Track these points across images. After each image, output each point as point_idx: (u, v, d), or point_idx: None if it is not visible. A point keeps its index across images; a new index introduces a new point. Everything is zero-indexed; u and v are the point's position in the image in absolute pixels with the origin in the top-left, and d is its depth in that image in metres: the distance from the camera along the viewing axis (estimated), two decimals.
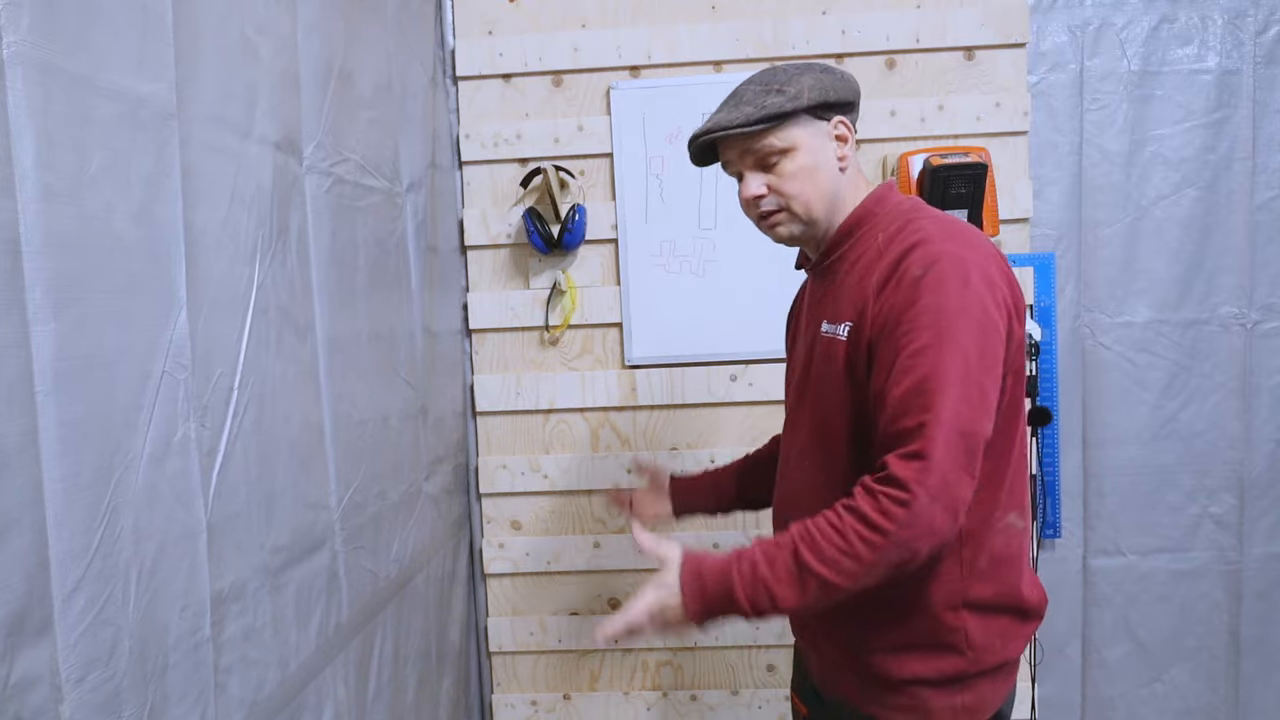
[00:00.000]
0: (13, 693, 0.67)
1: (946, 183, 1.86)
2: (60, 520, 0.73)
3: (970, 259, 1.04)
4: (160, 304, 0.88)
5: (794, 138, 1.14)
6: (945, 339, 1.00)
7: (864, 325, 1.08)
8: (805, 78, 1.14)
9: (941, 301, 1.01)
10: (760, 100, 1.13)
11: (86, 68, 0.78)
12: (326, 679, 1.25)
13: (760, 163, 1.16)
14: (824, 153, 1.16)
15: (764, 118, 1.12)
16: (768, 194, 1.16)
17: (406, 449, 1.65)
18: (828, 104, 1.14)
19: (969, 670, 1.11)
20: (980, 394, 1.00)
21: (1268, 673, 2.12)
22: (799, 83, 1.14)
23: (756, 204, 1.18)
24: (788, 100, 1.12)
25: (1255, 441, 2.09)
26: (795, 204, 1.16)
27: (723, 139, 1.16)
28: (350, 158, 1.41)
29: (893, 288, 1.05)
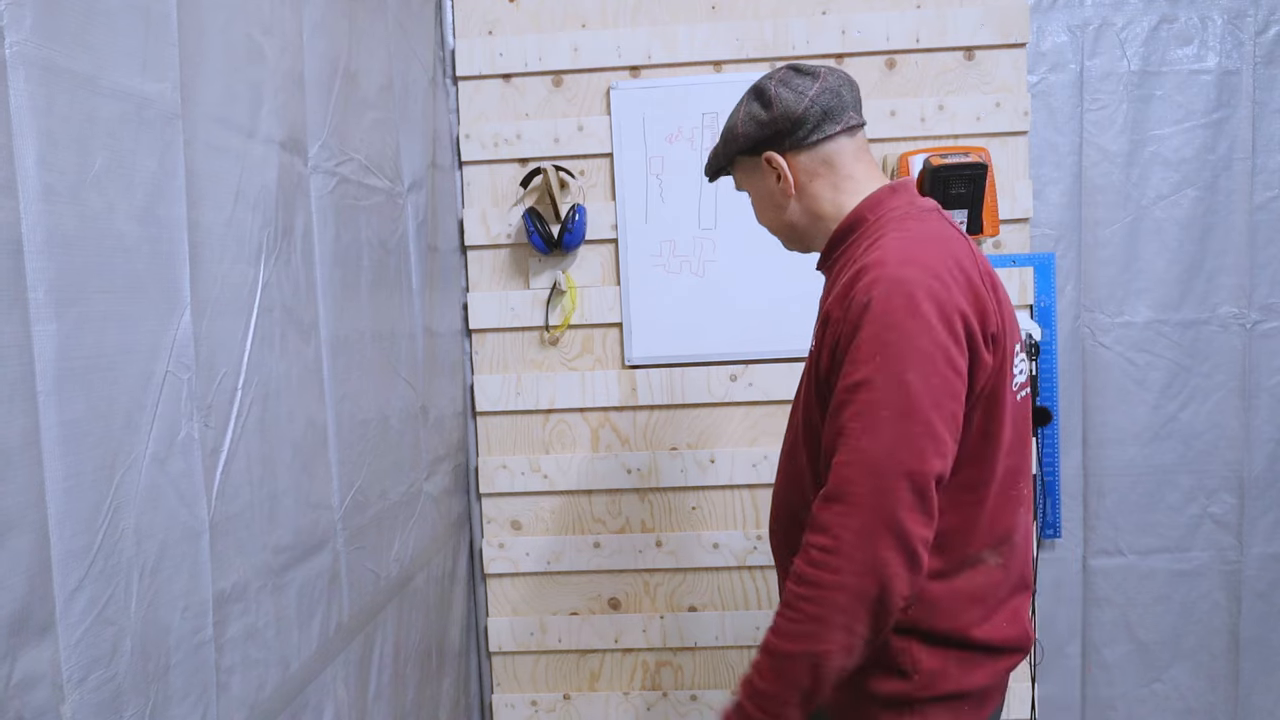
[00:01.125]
0: (14, 692, 0.67)
1: (946, 183, 1.86)
2: (62, 520, 0.73)
3: (922, 283, 0.97)
4: (164, 304, 0.88)
5: (741, 180, 1.24)
6: (884, 373, 0.95)
7: (820, 344, 1.06)
8: (729, 124, 1.20)
9: (883, 333, 0.96)
10: (715, 149, 1.23)
11: (90, 68, 0.77)
12: (327, 679, 1.25)
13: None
14: (766, 188, 1.20)
15: (712, 172, 1.26)
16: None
17: (407, 449, 1.65)
18: (743, 150, 1.18)
19: (916, 694, 1.06)
20: (925, 429, 0.95)
21: (1268, 673, 2.12)
22: (727, 130, 1.20)
23: None
24: (724, 145, 1.21)
25: (1255, 441, 2.09)
26: (770, 230, 1.25)
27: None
28: (354, 158, 1.41)
29: (843, 312, 1.01)
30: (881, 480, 0.94)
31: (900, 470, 0.94)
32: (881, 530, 0.93)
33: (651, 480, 2.09)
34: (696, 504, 2.10)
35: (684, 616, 2.11)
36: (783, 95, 1.14)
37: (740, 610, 2.11)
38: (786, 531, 1.18)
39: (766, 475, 2.06)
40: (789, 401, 2.04)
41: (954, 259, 1.03)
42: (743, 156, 1.19)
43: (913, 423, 0.94)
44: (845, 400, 0.98)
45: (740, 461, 2.07)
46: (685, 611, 2.12)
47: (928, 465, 0.95)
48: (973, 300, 1.01)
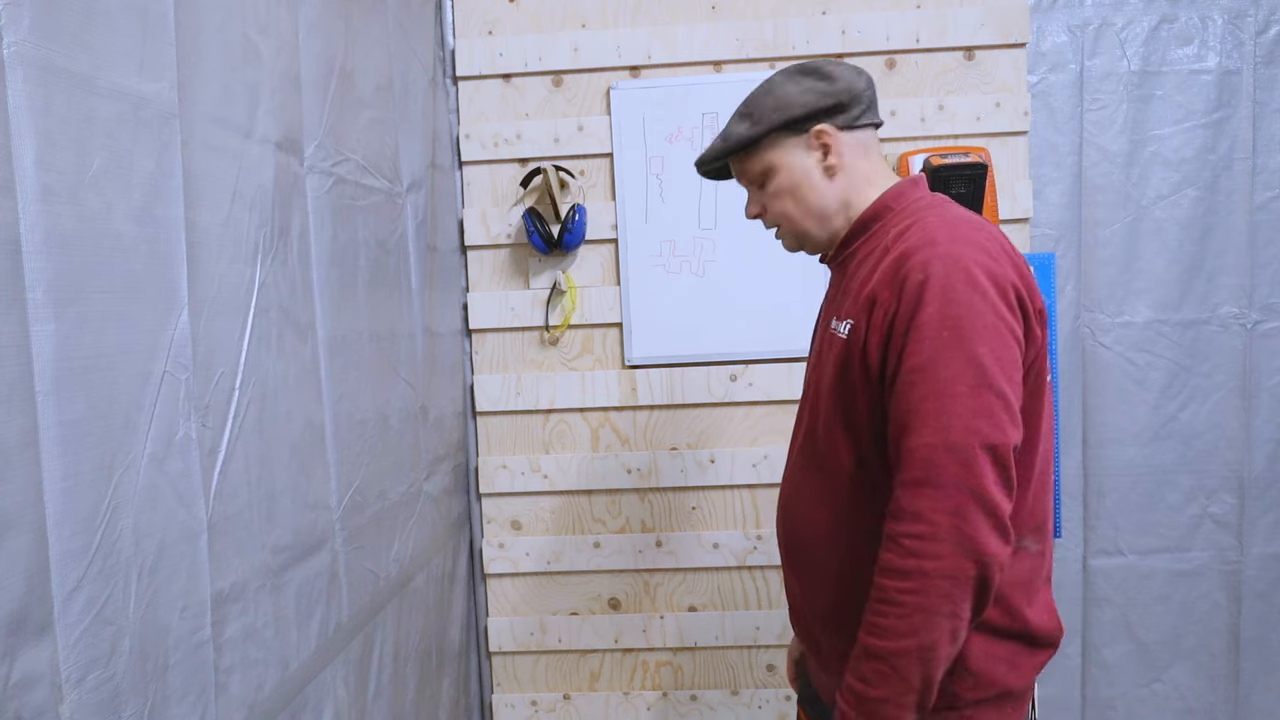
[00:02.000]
0: (13, 692, 0.67)
1: (946, 183, 1.86)
2: (60, 520, 0.73)
3: (976, 260, 0.98)
4: (161, 304, 0.88)
5: (768, 160, 1.16)
6: (954, 348, 0.94)
7: (866, 327, 1.03)
8: (768, 99, 1.15)
9: (947, 308, 0.95)
10: (731, 129, 1.17)
11: (87, 68, 0.78)
12: (327, 679, 1.25)
13: (754, 182, 1.20)
14: (803, 167, 1.14)
15: (727, 151, 1.17)
16: (762, 213, 1.21)
17: (407, 449, 1.65)
18: (796, 120, 1.13)
19: (964, 697, 1.04)
20: (1001, 401, 0.94)
21: (1268, 673, 2.12)
22: (763, 105, 1.15)
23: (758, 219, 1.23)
24: (751, 127, 1.15)
25: (1255, 441, 2.09)
26: (785, 222, 1.18)
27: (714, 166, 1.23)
28: (351, 158, 1.41)
29: (894, 293, 1.00)
30: (965, 456, 0.92)
31: (982, 444, 0.93)
32: (973, 508, 0.92)
33: (651, 480, 2.09)
34: (696, 504, 2.10)
35: (684, 616, 2.11)
36: (844, 72, 1.14)
37: (740, 610, 2.11)
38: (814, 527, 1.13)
39: (767, 475, 2.06)
40: (789, 401, 2.04)
41: (996, 238, 1.03)
42: (784, 132, 1.14)
43: (989, 395, 0.94)
44: (914, 380, 0.96)
45: (740, 461, 2.07)
46: (685, 611, 2.12)
47: (1008, 436, 0.94)
48: (1020, 276, 1.01)
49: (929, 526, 0.93)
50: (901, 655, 0.94)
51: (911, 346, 0.97)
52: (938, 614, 0.93)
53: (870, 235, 1.13)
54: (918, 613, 0.93)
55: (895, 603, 0.94)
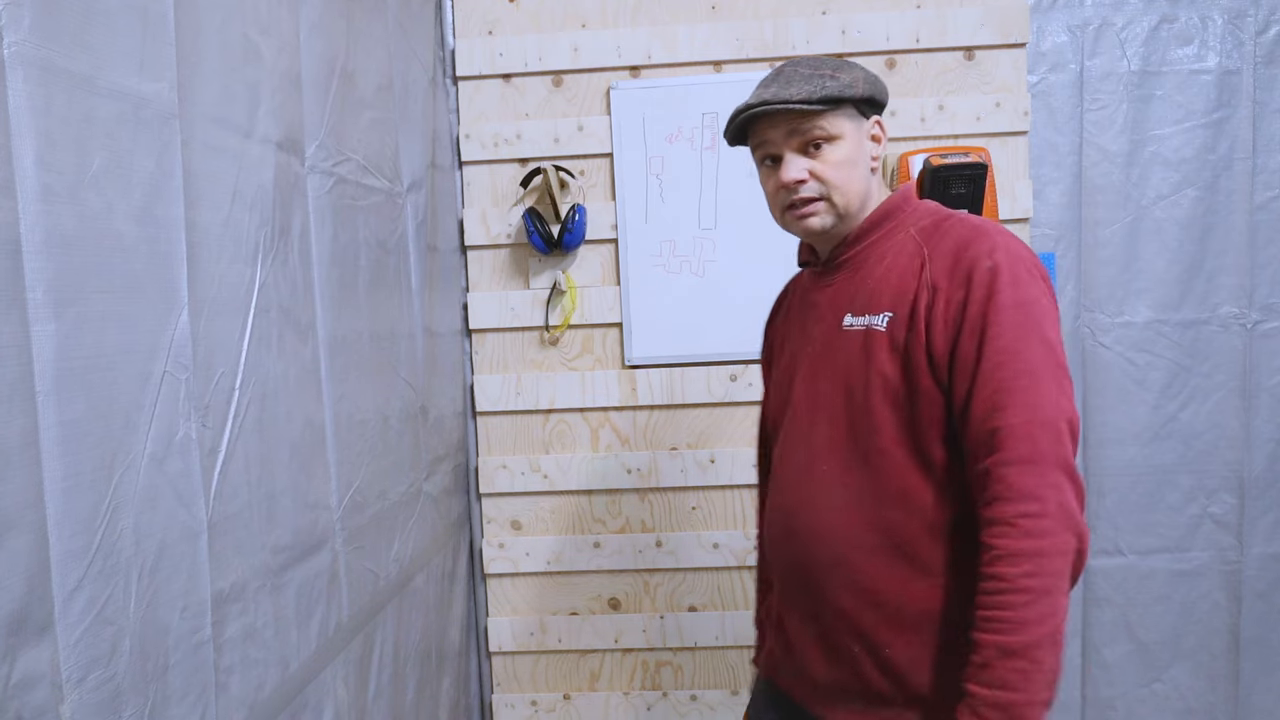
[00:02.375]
0: (13, 692, 0.67)
1: (946, 183, 1.85)
2: (61, 520, 0.73)
3: (1029, 255, 1.04)
4: (161, 304, 0.88)
5: (842, 127, 1.10)
6: (1032, 332, 0.98)
7: (918, 315, 1.04)
8: (856, 70, 1.12)
9: (1019, 295, 0.99)
10: (817, 81, 1.09)
11: (87, 68, 0.78)
12: (327, 679, 1.25)
13: (803, 146, 1.11)
14: (863, 149, 1.13)
15: (824, 98, 1.07)
16: (809, 179, 1.11)
17: (407, 449, 1.65)
18: (873, 101, 1.12)
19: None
20: (1069, 380, 1.00)
21: (1268, 673, 2.12)
22: (852, 73, 1.11)
23: (795, 189, 1.11)
24: (843, 87, 1.09)
25: (1255, 441, 2.09)
26: (836, 194, 1.11)
27: (779, 112, 1.09)
28: (352, 158, 1.41)
29: (961, 282, 1.02)
30: (1056, 432, 0.95)
31: (1065, 419, 0.97)
32: (1066, 482, 0.94)
33: (651, 480, 2.09)
34: (696, 504, 2.10)
35: (684, 616, 2.11)
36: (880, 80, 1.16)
37: (740, 610, 2.11)
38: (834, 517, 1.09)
39: None
40: None
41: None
42: (862, 106, 1.12)
43: (1063, 375, 0.99)
44: (1001, 360, 0.98)
45: (740, 461, 2.06)
46: (685, 611, 2.12)
47: (1075, 412, 0.99)
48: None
49: (1039, 504, 0.93)
50: (1039, 645, 0.93)
51: (993, 330, 0.99)
52: (1060, 593, 0.93)
53: (884, 234, 1.14)
54: (1044, 596, 0.92)
55: (1022, 590, 0.93)
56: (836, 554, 1.09)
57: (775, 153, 1.13)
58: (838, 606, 1.09)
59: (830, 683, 1.12)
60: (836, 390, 1.12)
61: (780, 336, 1.30)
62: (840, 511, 1.09)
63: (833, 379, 1.12)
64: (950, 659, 1.02)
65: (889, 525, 1.06)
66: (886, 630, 1.07)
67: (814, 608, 1.13)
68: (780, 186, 1.12)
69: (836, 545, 1.09)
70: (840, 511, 1.09)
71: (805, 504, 1.13)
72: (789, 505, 1.16)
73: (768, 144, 1.13)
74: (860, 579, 1.07)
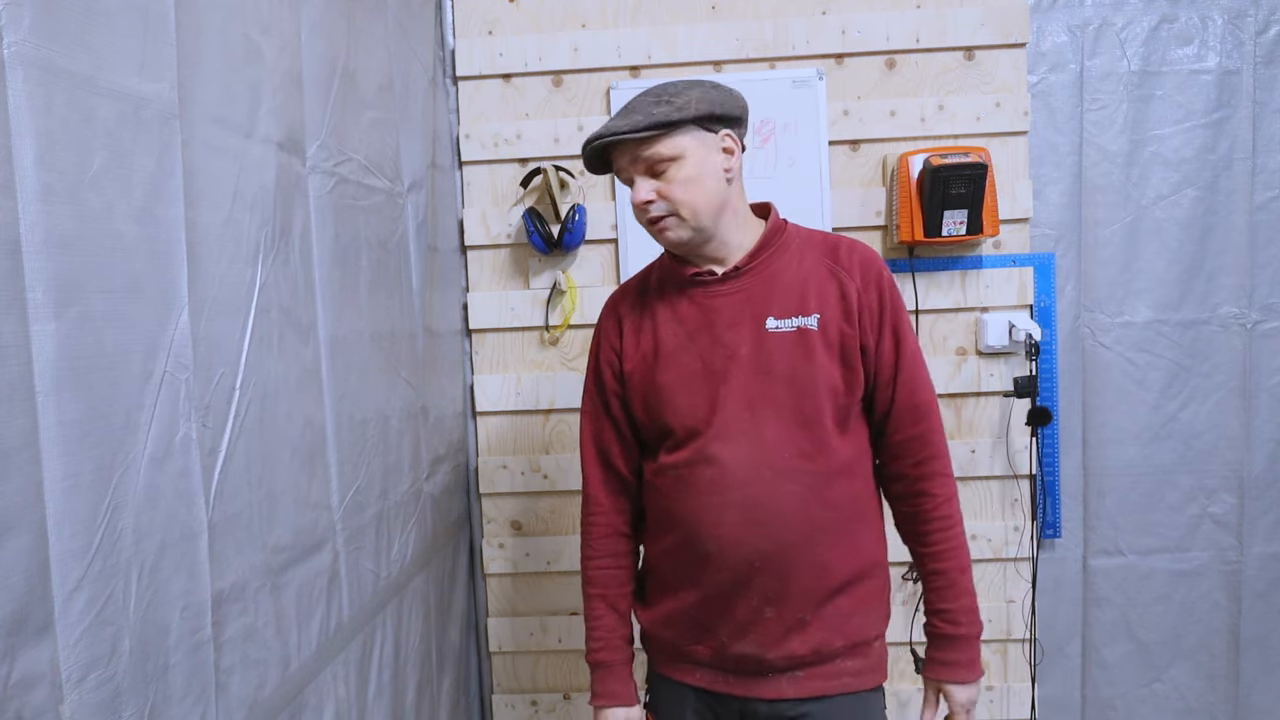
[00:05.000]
0: (13, 692, 0.67)
1: (946, 183, 1.86)
2: (61, 520, 0.73)
3: None
4: (162, 304, 0.88)
5: (681, 146, 1.21)
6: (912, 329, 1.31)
7: (851, 313, 1.26)
8: (692, 91, 1.22)
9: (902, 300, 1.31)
10: (649, 110, 1.21)
11: (88, 68, 0.78)
12: (327, 679, 1.25)
13: (650, 169, 1.23)
14: (710, 163, 1.23)
15: (651, 125, 1.19)
16: (657, 199, 1.23)
17: (407, 449, 1.65)
18: (714, 116, 1.22)
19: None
20: None
21: (1268, 673, 2.12)
22: (686, 95, 1.22)
23: (646, 209, 1.24)
24: (674, 110, 1.20)
25: (1255, 441, 2.09)
26: (683, 209, 1.23)
27: (615, 144, 1.23)
28: (353, 158, 1.41)
29: (872, 290, 1.27)
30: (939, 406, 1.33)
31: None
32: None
33: None
34: None
35: None
36: (736, 93, 1.28)
37: None
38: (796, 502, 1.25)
39: None
40: None
41: None
42: (701, 124, 1.22)
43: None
44: (913, 352, 1.29)
45: None
46: None
47: None
48: None
49: (945, 460, 1.30)
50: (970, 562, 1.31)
51: (903, 330, 1.28)
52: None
53: (775, 250, 1.29)
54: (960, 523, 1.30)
55: (959, 521, 1.30)
56: (803, 533, 1.23)
57: (628, 179, 1.27)
58: (800, 582, 1.24)
59: (786, 654, 1.26)
60: (780, 387, 1.24)
61: (655, 349, 1.32)
62: (800, 497, 1.23)
63: (773, 377, 1.24)
64: (881, 600, 1.32)
65: (841, 500, 1.26)
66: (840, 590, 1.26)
67: (777, 587, 1.24)
68: (636, 206, 1.26)
69: (802, 526, 1.23)
70: (800, 497, 1.23)
71: (766, 496, 1.23)
72: (747, 500, 1.24)
73: (621, 170, 1.27)
74: (822, 552, 1.24)
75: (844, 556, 1.26)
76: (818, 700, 1.27)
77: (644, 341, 1.34)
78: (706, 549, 1.25)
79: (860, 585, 1.28)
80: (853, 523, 1.27)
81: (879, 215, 2.03)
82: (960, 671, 1.28)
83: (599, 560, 1.45)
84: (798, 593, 1.24)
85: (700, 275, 1.29)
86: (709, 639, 1.30)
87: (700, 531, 1.26)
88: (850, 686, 1.28)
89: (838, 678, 1.28)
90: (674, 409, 1.29)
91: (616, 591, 1.43)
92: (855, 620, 1.28)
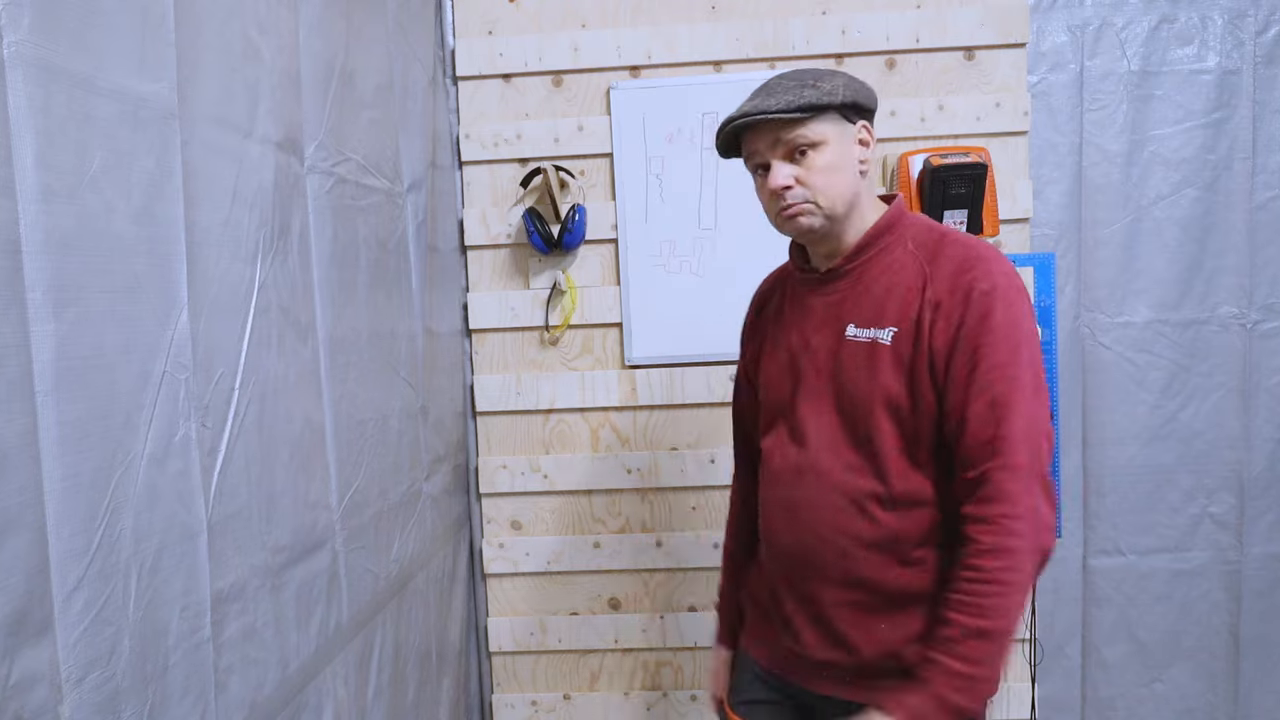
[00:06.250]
0: (13, 692, 0.67)
1: (946, 183, 1.86)
2: (60, 520, 0.73)
3: (1018, 279, 1.14)
4: (161, 304, 0.88)
5: (825, 132, 1.16)
6: (1023, 351, 1.09)
7: (921, 332, 1.13)
8: (837, 78, 1.18)
9: (1014, 315, 1.10)
10: (798, 91, 1.15)
11: (87, 68, 0.78)
12: (327, 679, 1.25)
13: (789, 153, 1.17)
14: (849, 153, 1.18)
15: (802, 107, 1.13)
16: (795, 185, 1.17)
17: (407, 449, 1.65)
18: (857, 106, 1.18)
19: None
20: (1047, 396, 1.12)
21: (1268, 673, 2.12)
22: (833, 81, 1.17)
23: (783, 194, 1.17)
24: (822, 95, 1.15)
25: (1255, 441, 2.09)
26: (821, 197, 1.17)
27: (760, 123, 1.17)
28: (352, 158, 1.41)
29: (959, 300, 1.11)
30: (1037, 446, 1.08)
31: (1045, 433, 1.09)
32: (1041, 491, 1.07)
33: (651, 480, 2.09)
34: (696, 504, 2.10)
35: (684, 616, 2.11)
36: (871, 87, 1.22)
37: None
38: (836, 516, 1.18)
39: None
40: None
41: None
42: (846, 112, 1.18)
43: (1044, 393, 1.11)
44: (996, 376, 1.08)
45: None
46: (685, 611, 2.12)
47: (1051, 427, 1.12)
48: None
49: (1019, 508, 1.05)
50: (1006, 633, 1.05)
51: (986, 348, 1.09)
52: (1026, 590, 1.06)
53: (881, 249, 1.20)
54: (1014, 590, 1.05)
55: (997, 581, 1.04)
56: (838, 548, 1.18)
57: (764, 161, 1.19)
58: (835, 594, 1.19)
59: (823, 660, 1.22)
60: (842, 398, 1.20)
61: (769, 334, 1.34)
62: (842, 511, 1.17)
63: (836, 387, 1.20)
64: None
65: (893, 525, 1.15)
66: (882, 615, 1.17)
67: (810, 592, 1.22)
68: (770, 193, 1.19)
69: (837, 540, 1.18)
70: (842, 511, 1.17)
71: (807, 502, 1.21)
72: (791, 501, 1.23)
73: (756, 154, 1.20)
74: (858, 570, 1.17)
75: (898, 578, 1.15)
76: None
77: (762, 329, 1.37)
78: (765, 538, 1.29)
79: (908, 616, 1.16)
80: (915, 548, 1.15)
81: None
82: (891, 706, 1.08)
83: (734, 519, 1.47)
84: (831, 604, 1.20)
85: (805, 271, 1.28)
86: (769, 623, 1.31)
87: (763, 519, 1.30)
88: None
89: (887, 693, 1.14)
90: (767, 400, 1.31)
91: (738, 548, 1.44)
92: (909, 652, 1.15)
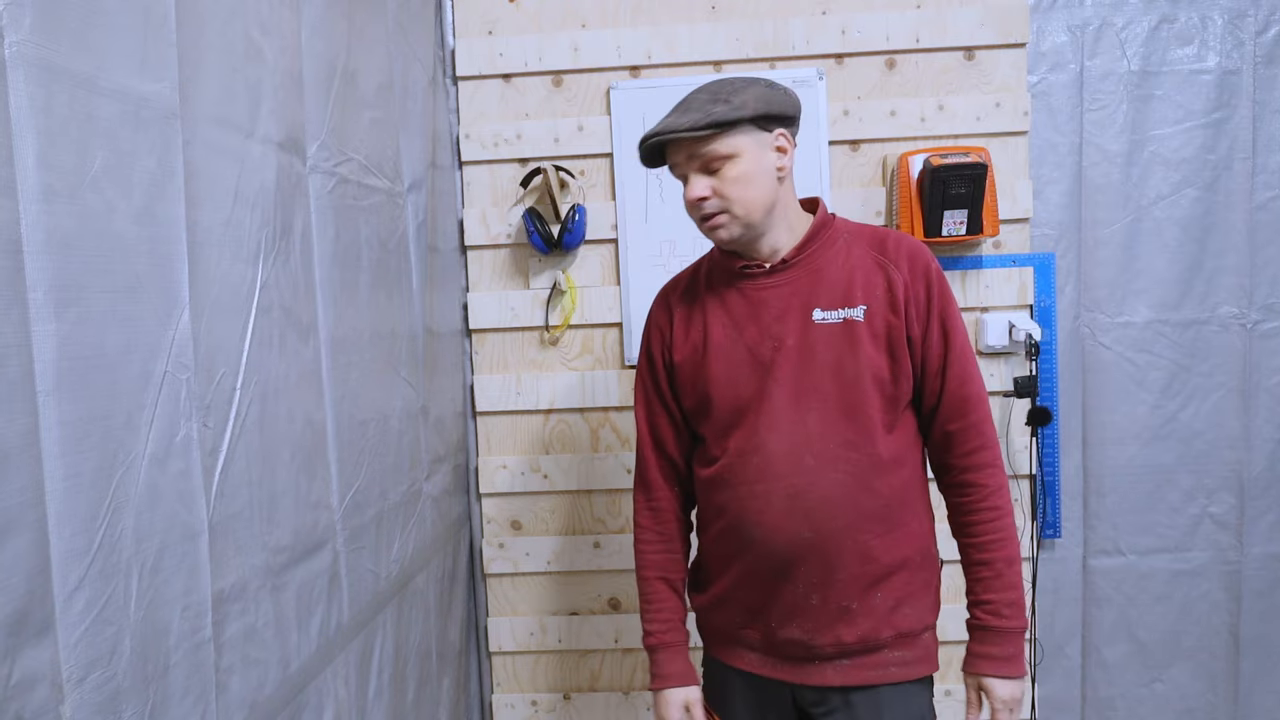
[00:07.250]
0: (14, 692, 0.67)
1: (946, 183, 1.86)
2: (61, 520, 0.73)
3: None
4: (163, 304, 0.88)
5: (737, 145, 1.22)
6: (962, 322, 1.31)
7: (898, 305, 1.26)
8: (750, 90, 1.23)
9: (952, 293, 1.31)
10: (707, 108, 1.22)
11: (89, 68, 0.78)
12: (327, 679, 1.25)
13: (704, 167, 1.24)
14: (764, 161, 1.25)
15: (709, 124, 1.20)
16: (711, 197, 1.24)
17: (407, 449, 1.65)
18: (770, 116, 1.23)
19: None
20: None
21: (1268, 673, 2.12)
22: (744, 94, 1.22)
23: (700, 206, 1.25)
24: (732, 110, 1.21)
25: (1255, 441, 2.09)
26: (736, 207, 1.24)
27: (671, 142, 1.24)
28: (353, 158, 1.41)
29: (921, 281, 1.28)
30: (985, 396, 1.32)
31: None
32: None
33: None
34: None
35: None
36: (792, 92, 1.28)
37: None
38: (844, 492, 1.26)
39: None
40: None
41: None
42: (757, 124, 1.23)
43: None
44: (962, 344, 1.29)
45: None
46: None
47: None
48: None
49: (995, 451, 1.30)
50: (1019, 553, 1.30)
51: (950, 323, 1.28)
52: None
53: (822, 243, 1.31)
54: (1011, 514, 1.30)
55: (1009, 513, 1.29)
56: (847, 522, 1.25)
57: (682, 174, 1.28)
58: (845, 570, 1.26)
59: (833, 641, 1.28)
60: (825, 378, 1.27)
61: (706, 338, 1.35)
62: (844, 485, 1.25)
63: (819, 368, 1.27)
64: (929, 591, 1.33)
65: (887, 489, 1.26)
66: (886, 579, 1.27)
67: (822, 575, 1.26)
68: (688, 204, 1.27)
69: (846, 515, 1.25)
70: (844, 485, 1.25)
71: (810, 485, 1.26)
72: (790, 489, 1.26)
73: (676, 166, 1.28)
74: (866, 540, 1.26)
75: (889, 545, 1.26)
76: (864, 690, 1.28)
77: (694, 332, 1.36)
78: (752, 536, 1.28)
79: (907, 574, 1.29)
80: (899, 512, 1.28)
81: (879, 215, 2.03)
82: (1002, 666, 1.26)
83: (656, 544, 1.44)
84: (843, 580, 1.26)
85: (749, 268, 1.32)
86: (758, 623, 1.32)
87: (746, 519, 1.28)
88: (897, 677, 1.28)
89: (884, 668, 1.28)
90: (722, 399, 1.31)
91: (674, 574, 1.44)
92: (903, 610, 1.28)
